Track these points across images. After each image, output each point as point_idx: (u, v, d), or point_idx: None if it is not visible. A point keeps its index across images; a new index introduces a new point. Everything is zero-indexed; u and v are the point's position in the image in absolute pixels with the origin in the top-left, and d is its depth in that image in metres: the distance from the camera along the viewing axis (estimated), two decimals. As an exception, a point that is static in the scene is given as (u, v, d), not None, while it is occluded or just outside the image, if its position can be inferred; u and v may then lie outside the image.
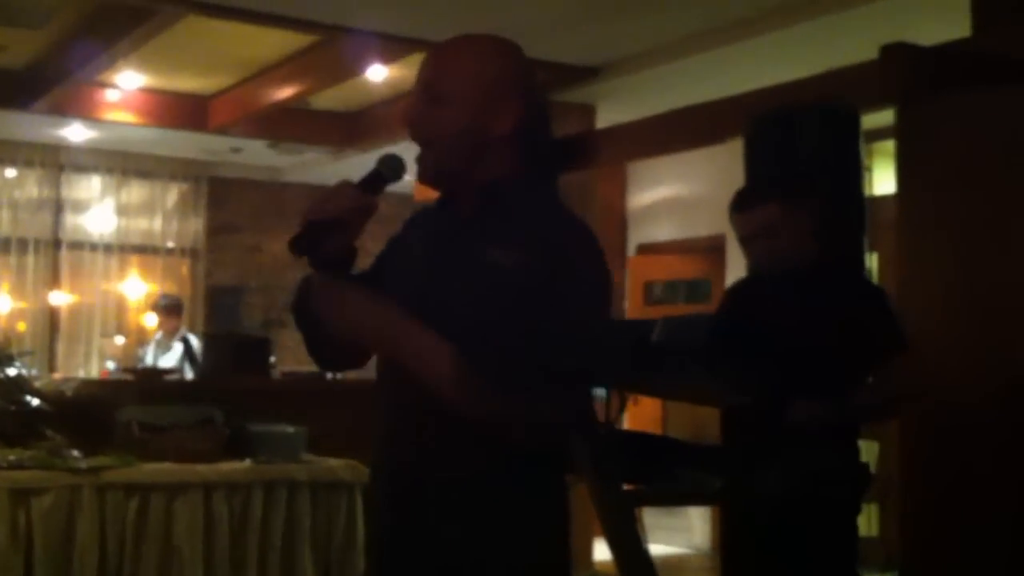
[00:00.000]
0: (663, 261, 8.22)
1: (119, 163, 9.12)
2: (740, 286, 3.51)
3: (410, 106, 1.87)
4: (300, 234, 1.76)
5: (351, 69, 6.74)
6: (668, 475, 2.93)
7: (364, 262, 1.92)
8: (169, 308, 8.08)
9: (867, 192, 4.24)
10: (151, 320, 8.49)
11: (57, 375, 8.12)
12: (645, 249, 8.37)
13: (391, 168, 1.82)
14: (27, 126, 8.14)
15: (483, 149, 1.83)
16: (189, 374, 7.02)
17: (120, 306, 9.16)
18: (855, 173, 4.06)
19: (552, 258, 1.74)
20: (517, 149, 1.85)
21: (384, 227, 2.13)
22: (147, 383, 5.44)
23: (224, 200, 9.71)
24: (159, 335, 8.08)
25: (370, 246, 1.88)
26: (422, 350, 1.71)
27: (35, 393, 4.58)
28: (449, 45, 1.89)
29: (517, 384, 1.70)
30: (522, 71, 1.88)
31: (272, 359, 5.76)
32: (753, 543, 3.20)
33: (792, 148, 4.10)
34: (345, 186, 1.80)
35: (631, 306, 8.25)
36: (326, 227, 1.76)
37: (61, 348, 9.00)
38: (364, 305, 1.75)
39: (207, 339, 7.13)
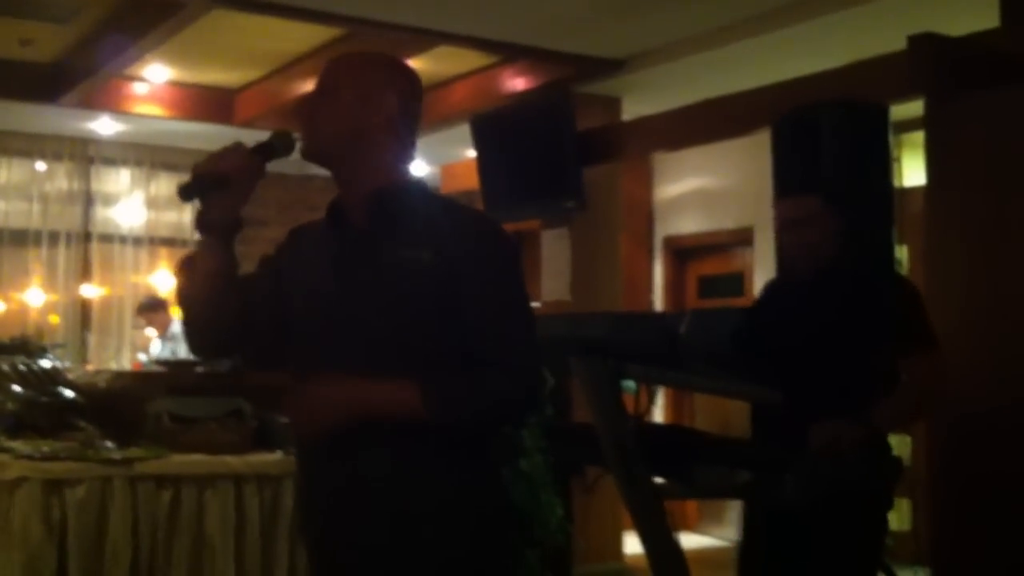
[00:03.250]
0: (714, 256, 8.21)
1: (147, 156, 9.15)
2: (770, 285, 3.55)
3: (304, 102, 2.07)
4: (188, 183, 1.91)
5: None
6: (697, 469, 2.93)
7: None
8: (146, 307, 8.35)
9: (896, 184, 4.23)
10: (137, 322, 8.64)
11: (89, 367, 8.16)
12: (673, 242, 8.36)
13: (283, 142, 1.96)
14: (56, 119, 8.16)
15: (361, 136, 1.95)
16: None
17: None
18: (883, 169, 4.05)
19: (464, 251, 1.85)
20: (393, 145, 1.97)
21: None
22: (178, 375, 5.47)
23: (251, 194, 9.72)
24: (154, 333, 8.32)
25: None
26: (392, 401, 1.82)
27: (68, 385, 4.63)
28: (339, 56, 2.07)
29: (476, 386, 1.82)
30: (400, 76, 2.02)
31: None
32: (775, 537, 3.20)
33: (818, 145, 4.10)
34: (238, 146, 1.92)
35: (688, 299, 8.28)
36: (214, 180, 1.89)
37: (93, 340, 9.04)
38: (327, 394, 1.84)
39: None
